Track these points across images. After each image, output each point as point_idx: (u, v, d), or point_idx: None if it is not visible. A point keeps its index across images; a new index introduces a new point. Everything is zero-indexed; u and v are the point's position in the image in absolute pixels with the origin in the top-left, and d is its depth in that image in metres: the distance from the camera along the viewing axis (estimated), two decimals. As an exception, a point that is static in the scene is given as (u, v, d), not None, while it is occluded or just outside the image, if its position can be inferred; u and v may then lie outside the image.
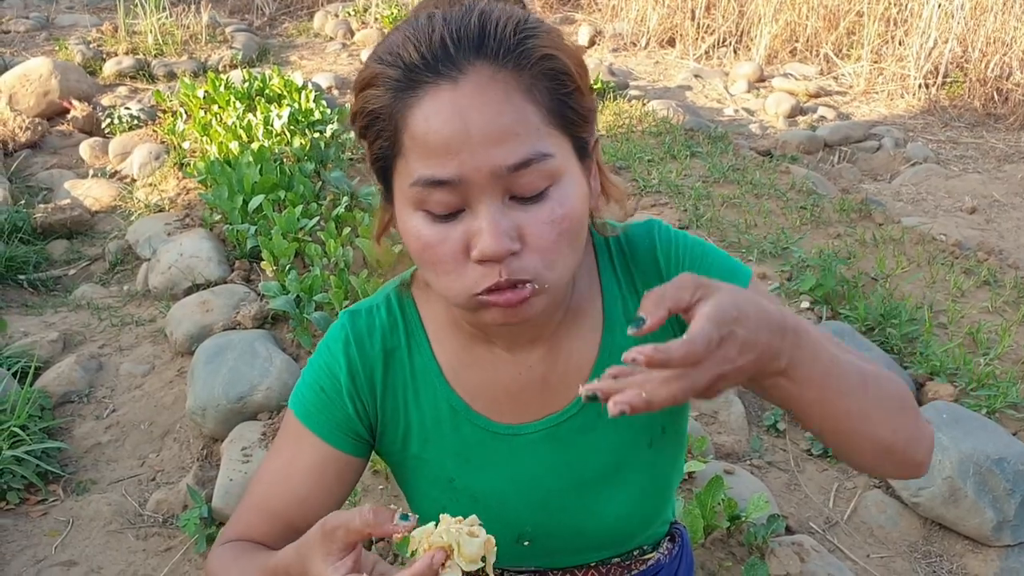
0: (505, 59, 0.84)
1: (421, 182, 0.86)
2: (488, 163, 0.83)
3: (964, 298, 3.46)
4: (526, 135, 0.84)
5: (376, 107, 0.88)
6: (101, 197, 5.00)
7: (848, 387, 0.86)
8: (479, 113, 0.83)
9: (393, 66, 0.86)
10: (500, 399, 1.08)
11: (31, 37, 8.03)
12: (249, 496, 1.11)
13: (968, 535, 2.45)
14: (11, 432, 2.74)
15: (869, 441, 0.89)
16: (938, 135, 6.49)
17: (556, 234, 0.87)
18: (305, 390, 1.09)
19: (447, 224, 0.87)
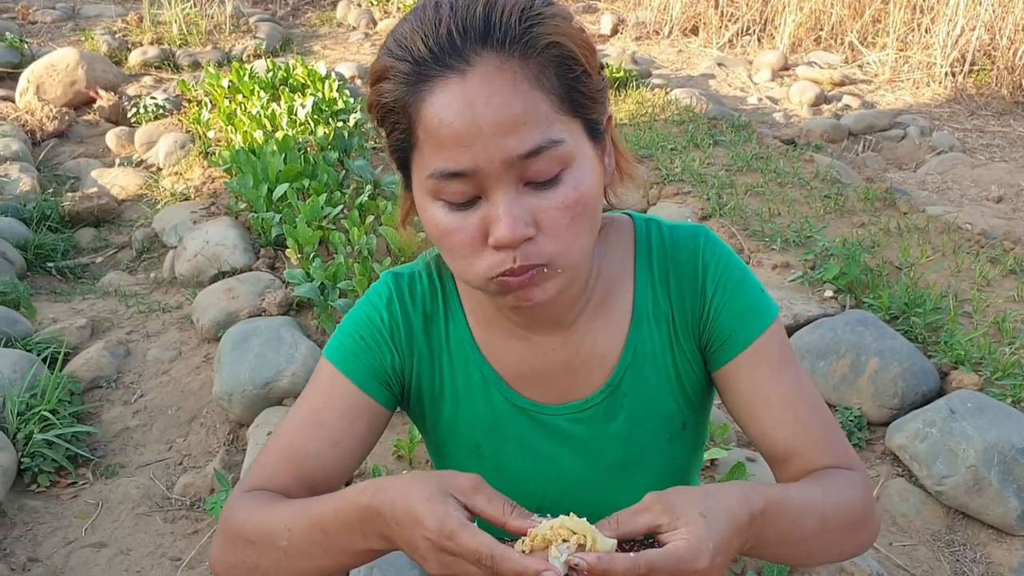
0: (512, 48, 0.86)
1: (436, 174, 0.88)
2: (500, 153, 0.85)
3: (989, 287, 3.43)
4: (536, 123, 0.86)
5: (389, 100, 0.90)
6: (127, 186, 5.06)
7: (805, 535, 0.94)
8: (488, 104, 0.84)
9: (403, 60, 0.88)
10: (527, 376, 1.10)
11: (57, 28, 8.11)
12: (277, 440, 1.09)
13: (992, 524, 2.44)
14: (42, 416, 2.79)
15: (817, 562, 1.09)
16: (964, 124, 6.43)
17: (570, 218, 0.89)
18: (343, 338, 1.10)
19: (464, 212, 0.90)
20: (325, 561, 0.94)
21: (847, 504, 0.99)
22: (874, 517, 1.04)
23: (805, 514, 0.93)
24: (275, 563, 0.97)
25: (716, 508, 0.82)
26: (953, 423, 2.53)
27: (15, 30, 7.47)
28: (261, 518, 0.98)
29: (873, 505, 1.04)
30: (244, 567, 1.00)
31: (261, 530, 0.97)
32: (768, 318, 1.07)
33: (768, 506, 0.88)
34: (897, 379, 2.78)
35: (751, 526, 0.85)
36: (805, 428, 1.04)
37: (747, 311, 1.06)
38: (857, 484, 1.02)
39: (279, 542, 0.95)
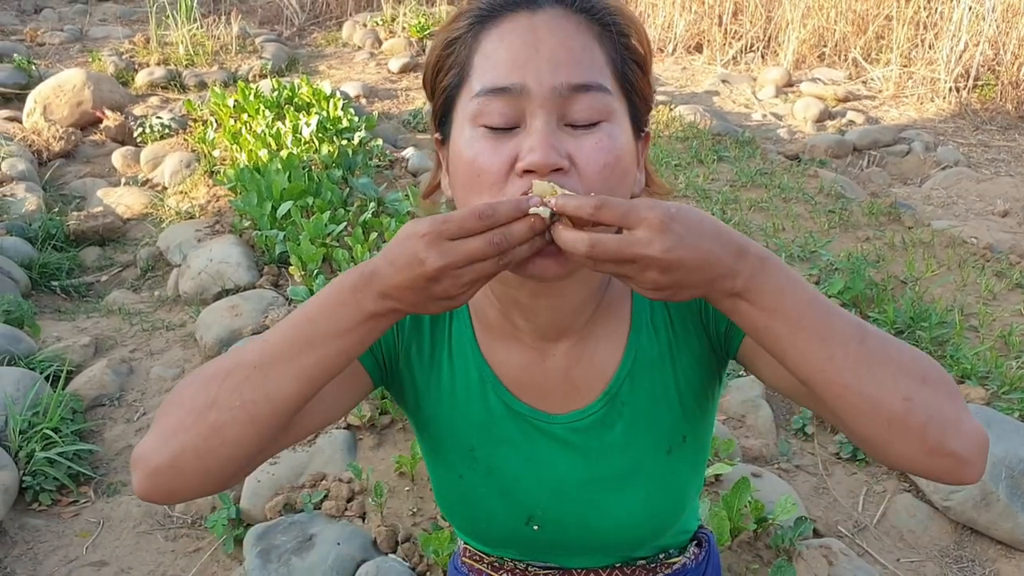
0: (580, 7, 0.90)
1: (484, 91, 0.88)
2: (551, 77, 0.86)
3: (996, 301, 3.41)
4: (590, 65, 0.88)
5: (455, 35, 0.93)
6: (133, 205, 5.07)
7: (835, 332, 0.80)
8: (551, 35, 0.88)
9: (480, 2, 0.92)
10: (526, 382, 1.09)
11: (65, 49, 8.17)
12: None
13: (1001, 540, 2.41)
14: (44, 434, 2.79)
15: (868, 403, 0.80)
16: (969, 138, 6.42)
17: (602, 163, 0.88)
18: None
19: (500, 139, 0.88)
20: (308, 357, 0.85)
21: (903, 346, 0.83)
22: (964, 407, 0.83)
23: (829, 307, 0.81)
24: (237, 387, 0.86)
25: (698, 211, 0.80)
26: (960, 437, 2.50)
27: (23, 52, 7.52)
28: (223, 356, 0.91)
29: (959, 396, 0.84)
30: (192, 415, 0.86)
31: (222, 362, 0.89)
32: None
33: (772, 257, 0.81)
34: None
35: (740, 256, 0.79)
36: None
37: None
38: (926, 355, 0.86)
39: (248, 356, 0.87)
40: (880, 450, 0.83)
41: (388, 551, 2.29)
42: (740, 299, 0.81)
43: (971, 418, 0.83)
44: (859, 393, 0.80)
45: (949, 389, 0.83)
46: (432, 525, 2.33)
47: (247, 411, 0.86)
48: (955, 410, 0.82)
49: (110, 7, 10.20)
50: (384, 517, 2.39)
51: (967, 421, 0.82)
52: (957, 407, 0.82)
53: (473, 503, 1.13)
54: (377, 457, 2.68)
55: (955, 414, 0.82)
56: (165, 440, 0.87)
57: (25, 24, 8.94)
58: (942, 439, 0.80)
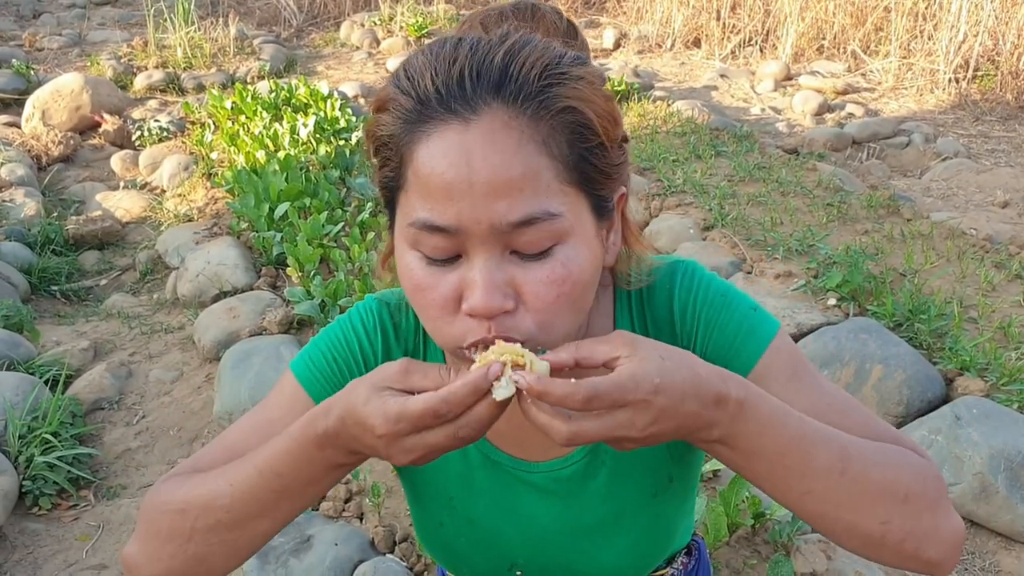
0: (524, 105, 0.79)
1: (418, 224, 0.81)
2: (488, 216, 0.79)
3: (995, 292, 3.40)
4: (534, 191, 0.79)
5: (385, 134, 0.84)
6: (132, 208, 5.08)
7: (814, 469, 0.81)
8: (486, 161, 0.78)
9: (407, 94, 0.82)
10: (503, 430, 1.03)
11: (64, 54, 8.18)
12: (223, 438, 1.01)
13: (1001, 532, 2.40)
14: (43, 439, 2.79)
15: (847, 528, 0.83)
16: (969, 129, 6.40)
17: (555, 295, 0.82)
18: (315, 354, 1.03)
19: (442, 269, 0.83)
20: (281, 507, 0.87)
21: (888, 464, 0.84)
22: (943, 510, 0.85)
23: (813, 441, 0.81)
24: (212, 528, 0.88)
25: (681, 360, 0.76)
26: (959, 430, 2.50)
27: (22, 57, 7.54)
28: (192, 488, 0.90)
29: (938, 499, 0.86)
30: (172, 544, 0.90)
31: (193, 496, 0.89)
32: (765, 338, 0.98)
33: (751, 398, 0.79)
34: (902, 386, 2.75)
35: (718, 406, 0.77)
36: (845, 419, 0.93)
37: (738, 337, 0.98)
38: (912, 457, 0.87)
39: (218, 501, 0.87)
40: (861, 555, 0.87)
41: (386, 551, 2.29)
42: (719, 444, 0.80)
43: (949, 517, 0.85)
44: (836, 520, 0.83)
45: (932, 497, 0.85)
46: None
47: (226, 546, 0.90)
48: (933, 520, 0.84)
49: (108, 11, 10.21)
50: (381, 517, 2.39)
51: (944, 526, 0.85)
52: (936, 515, 0.85)
53: (454, 551, 1.10)
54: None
55: (933, 524, 0.84)
56: (153, 558, 0.91)
57: (24, 29, 8.95)
58: (917, 551, 0.84)
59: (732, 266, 3.68)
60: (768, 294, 3.38)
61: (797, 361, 0.97)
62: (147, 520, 0.92)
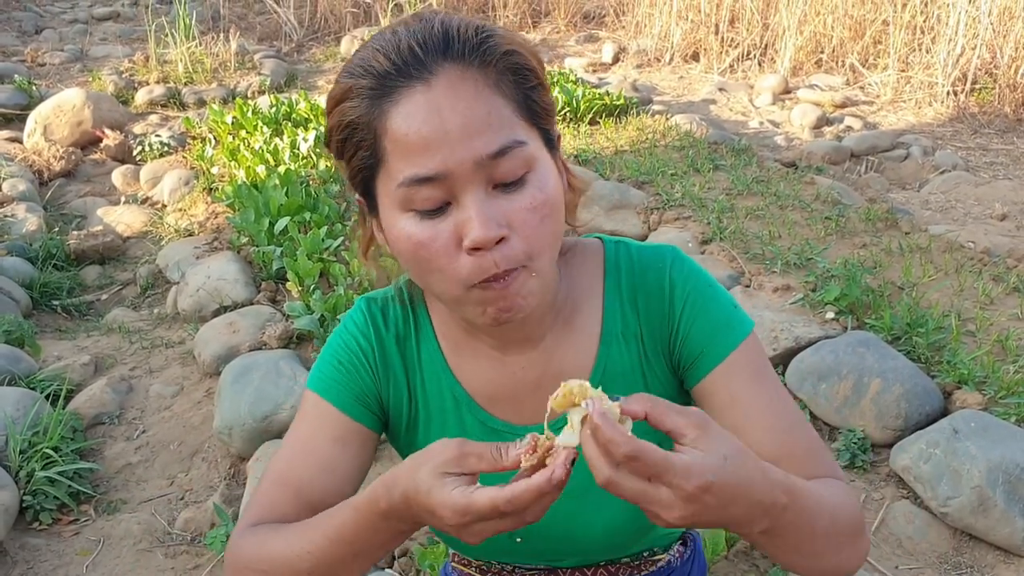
0: (471, 58, 0.89)
1: (407, 182, 0.89)
2: (469, 154, 0.87)
3: (993, 305, 3.41)
4: (499, 125, 0.89)
5: (353, 118, 0.91)
6: (132, 223, 5.10)
7: (815, 535, 0.91)
8: (453, 109, 0.87)
9: (365, 76, 0.90)
10: (497, 396, 1.11)
11: (66, 69, 8.22)
12: (270, 473, 1.10)
13: (999, 545, 2.40)
14: (44, 454, 2.80)
15: (814, 569, 0.96)
16: (967, 142, 6.42)
17: (539, 219, 0.91)
18: (323, 367, 1.12)
19: (436, 220, 0.90)
20: (361, 563, 0.95)
21: (848, 508, 0.97)
22: (866, 528, 1.03)
23: (819, 511, 0.91)
24: None
25: (743, 464, 0.79)
26: (957, 443, 2.51)
27: (24, 72, 7.58)
28: (273, 548, 0.98)
29: (863, 516, 1.03)
30: None
31: (276, 559, 0.97)
32: (740, 333, 1.06)
33: (792, 504, 0.85)
34: (900, 400, 2.76)
35: (766, 514, 0.82)
36: (791, 438, 1.03)
37: (718, 327, 1.06)
38: (850, 493, 1.01)
39: (300, 565, 0.95)
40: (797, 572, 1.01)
41: (385, 565, 2.30)
42: (761, 536, 0.86)
43: (865, 540, 1.02)
44: (811, 566, 0.95)
45: (861, 517, 1.01)
46: (428, 539, 2.34)
47: None
48: (863, 542, 1.01)
49: (110, 26, 10.26)
50: (381, 532, 2.40)
51: (864, 544, 1.01)
52: (861, 542, 1.00)
53: None
54: (373, 471, 2.68)
55: (862, 547, 1.00)
56: None
57: (26, 45, 9.00)
58: (847, 569, 0.99)
59: (731, 279, 3.69)
60: (766, 307, 3.39)
61: (762, 363, 1.07)
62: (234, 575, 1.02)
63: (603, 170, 5.08)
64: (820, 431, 2.88)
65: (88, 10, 11.07)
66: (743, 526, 0.82)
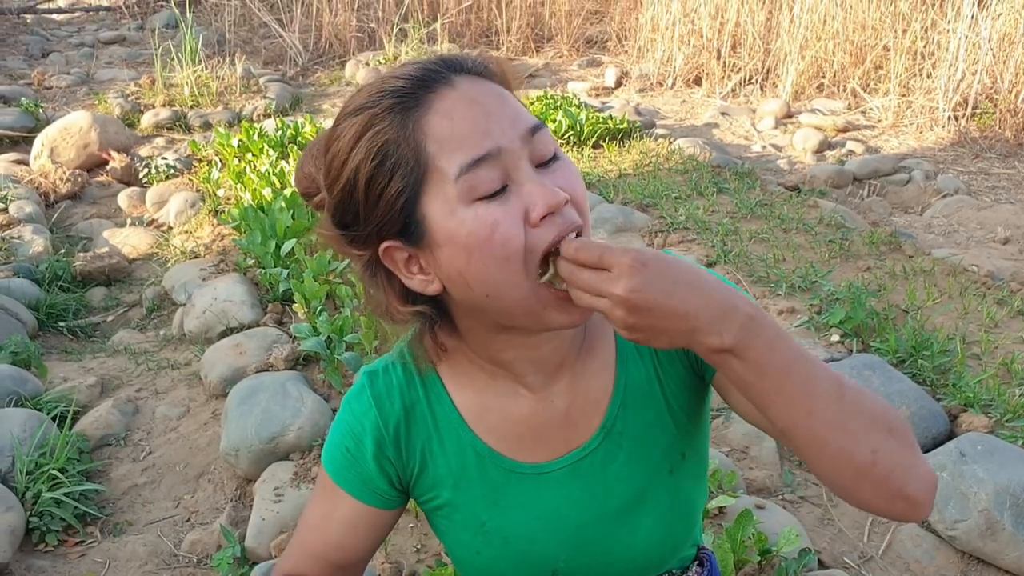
0: (478, 71, 0.97)
1: (465, 168, 0.90)
2: (515, 129, 0.92)
3: (997, 329, 3.42)
4: (523, 110, 0.96)
5: (386, 139, 0.91)
6: (138, 245, 5.12)
7: (817, 389, 0.86)
8: (486, 98, 0.93)
9: (384, 99, 0.92)
10: (524, 438, 1.10)
11: (72, 92, 8.28)
12: (297, 535, 1.19)
13: (1008, 569, 2.40)
14: (50, 475, 2.80)
15: (841, 455, 0.86)
16: (969, 166, 6.45)
17: (582, 189, 0.97)
18: (333, 449, 1.15)
19: (500, 203, 0.91)
20: None
21: (878, 402, 0.89)
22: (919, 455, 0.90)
23: (813, 364, 0.86)
24: None
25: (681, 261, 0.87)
26: (964, 466, 2.51)
27: (31, 95, 7.63)
28: None
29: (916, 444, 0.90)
30: None
31: None
32: None
33: (760, 315, 0.84)
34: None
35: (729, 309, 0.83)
36: None
37: None
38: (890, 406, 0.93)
39: None
40: (845, 493, 0.90)
41: (393, 588, 2.29)
42: (729, 355, 0.85)
43: (924, 462, 0.91)
44: (833, 445, 0.86)
45: (910, 438, 0.90)
46: (436, 561, 2.33)
47: None
48: (914, 457, 0.89)
49: (116, 50, 10.33)
50: (388, 554, 2.40)
51: (922, 466, 0.90)
52: (916, 454, 0.90)
53: (496, 574, 1.15)
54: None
55: (913, 461, 0.89)
56: None
57: (33, 68, 9.05)
58: (902, 486, 0.87)
59: (735, 302, 3.69)
60: (772, 330, 3.40)
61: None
62: None
63: (607, 193, 5.11)
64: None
65: (94, 34, 11.16)
66: (706, 332, 0.83)
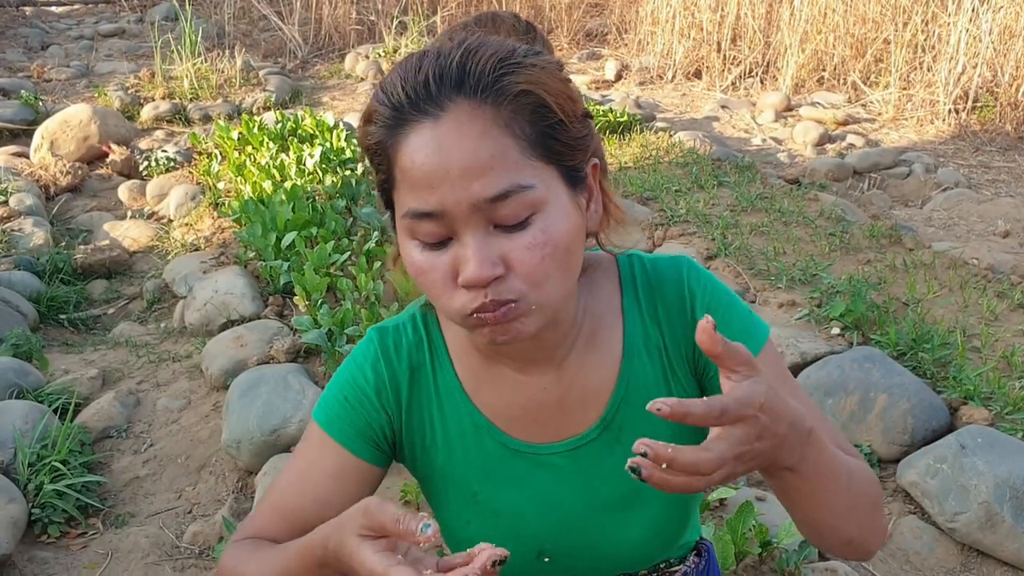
0: (484, 95, 0.89)
1: (410, 214, 0.92)
2: (467, 196, 0.88)
3: (998, 322, 3.42)
4: (503, 168, 0.88)
5: (372, 143, 0.95)
6: (139, 238, 5.12)
7: (837, 486, 0.93)
8: (457, 149, 0.88)
9: (385, 104, 0.93)
10: (519, 417, 1.11)
11: (71, 85, 8.26)
12: (267, 497, 1.15)
13: (1007, 561, 2.41)
14: (52, 467, 2.80)
15: (837, 533, 0.97)
16: (969, 160, 6.45)
17: (539, 258, 0.91)
18: (330, 400, 1.13)
19: (437, 252, 0.93)
20: None
21: (865, 475, 1.00)
22: (883, 514, 1.04)
23: (838, 460, 0.93)
24: None
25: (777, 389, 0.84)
26: (964, 459, 2.51)
27: (30, 88, 7.62)
28: (244, 567, 1.06)
29: (881, 493, 1.03)
30: None
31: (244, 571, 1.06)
32: (760, 339, 1.08)
33: (815, 425, 0.88)
34: (906, 415, 2.77)
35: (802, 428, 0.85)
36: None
37: (737, 335, 1.04)
38: (868, 468, 1.03)
39: None
40: (820, 547, 1.05)
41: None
42: (791, 471, 0.88)
43: (884, 520, 1.03)
44: (835, 528, 0.97)
45: (882, 501, 1.02)
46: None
47: None
48: (881, 520, 1.02)
49: (115, 43, 10.32)
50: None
51: (881, 522, 1.02)
52: (882, 515, 1.02)
53: None
54: (383, 486, 2.69)
55: (881, 524, 1.01)
56: None
57: (32, 61, 9.04)
58: (868, 546, 1.01)
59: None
60: (772, 323, 3.40)
61: (781, 366, 1.10)
62: None
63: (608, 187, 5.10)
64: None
65: (94, 27, 11.14)
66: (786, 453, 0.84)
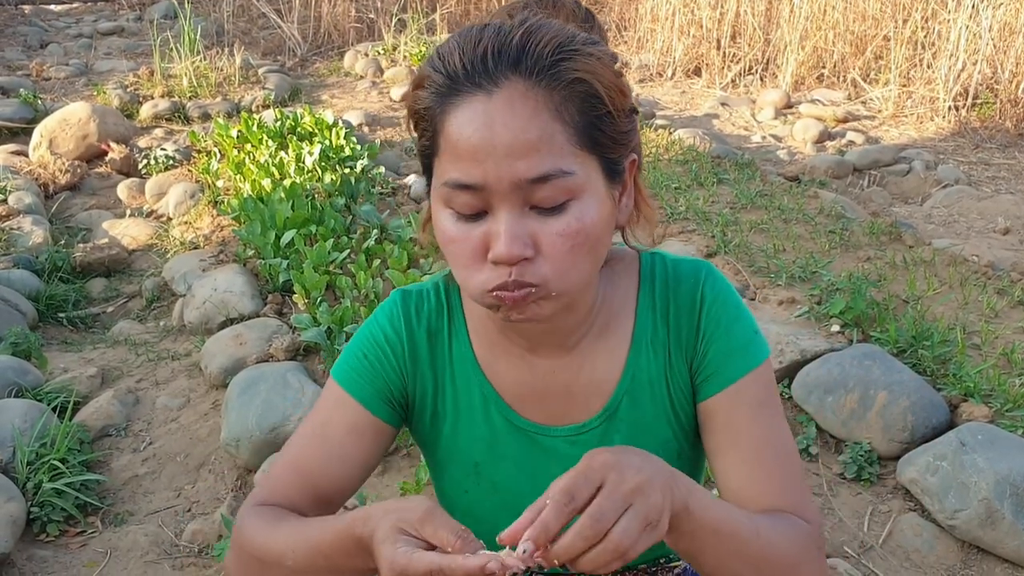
0: (539, 77, 0.90)
1: (450, 184, 0.92)
2: (509, 174, 0.89)
3: (998, 319, 3.42)
4: (549, 152, 0.90)
5: (421, 107, 0.95)
6: (138, 236, 5.11)
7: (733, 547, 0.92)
8: (506, 126, 0.89)
9: (439, 72, 0.93)
10: (526, 396, 1.13)
11: (70, 83, 8.26)
12: (284, 455, 1.15)
13: (1008, 558, 2.40)
14: (51, 465, 2.80)
15: None
16: (969, 157, 6.45)
17: (570, 246, 0.92)
18: (349, 358, 1.15)
19: (470, 224, 0.94)
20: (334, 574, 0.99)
21: (781, 543, 0.97)
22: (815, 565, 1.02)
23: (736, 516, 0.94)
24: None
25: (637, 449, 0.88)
26: (964, 456, 2.51)
27: (29, 86, 7.61)
28: (267, 537, 1.03)
29: (815, 560, 1.02)
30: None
31: (268, 549, 1.03)
32: (755, 360, 1.08)
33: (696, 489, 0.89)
34: (906, 412, 2.76)
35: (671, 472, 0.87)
36: (766, 474, 1.05)
37: (735, 350, 1.08)
38: (801, 532, 1.01)
39: (286, 561, 1.00)
40: None
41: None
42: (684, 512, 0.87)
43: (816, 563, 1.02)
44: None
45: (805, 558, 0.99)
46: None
47: None
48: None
49: (114, 41, 10.31)
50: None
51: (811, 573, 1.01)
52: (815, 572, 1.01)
53: (478, 518, 1.17)
54: (382, 484, 2.69)
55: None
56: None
57: (31, 59, 9.04)
58: None
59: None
60: (772, 320, 3.40)
61: (767, 395, 1.09)
62: (236, 552, 1.09)
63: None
64: (826, 444, 2.89)
65: (93, 25, 11.12)
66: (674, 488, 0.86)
